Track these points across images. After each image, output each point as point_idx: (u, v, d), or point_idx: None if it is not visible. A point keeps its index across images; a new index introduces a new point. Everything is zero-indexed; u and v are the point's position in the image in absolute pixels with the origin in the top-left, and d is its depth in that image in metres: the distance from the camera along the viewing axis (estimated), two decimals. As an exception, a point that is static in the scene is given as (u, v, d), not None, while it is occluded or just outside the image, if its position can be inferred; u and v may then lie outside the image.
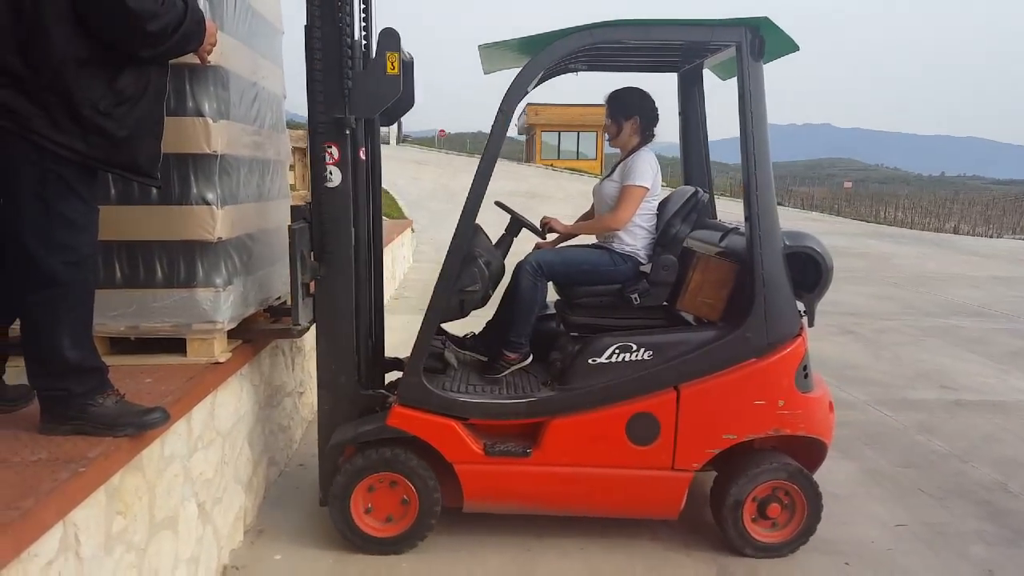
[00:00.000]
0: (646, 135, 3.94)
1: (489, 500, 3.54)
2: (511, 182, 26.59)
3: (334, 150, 3.38)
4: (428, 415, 3.41)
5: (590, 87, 3.95)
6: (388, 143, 40.98)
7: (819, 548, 3.63)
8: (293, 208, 3.57)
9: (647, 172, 3.76)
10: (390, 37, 3.32)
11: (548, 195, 23.57)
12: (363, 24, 3.65)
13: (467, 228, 3.42)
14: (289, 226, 3.41)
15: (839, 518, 3.95)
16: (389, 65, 3.32)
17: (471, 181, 3.38)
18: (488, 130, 3.45)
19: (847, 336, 8.42)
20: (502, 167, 34.35)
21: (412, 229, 13.09)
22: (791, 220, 24.68)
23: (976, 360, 7.53)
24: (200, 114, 3.10)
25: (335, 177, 3.40)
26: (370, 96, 3.37)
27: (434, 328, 3.49)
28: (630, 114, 3.91)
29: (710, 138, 4.45)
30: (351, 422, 3.54)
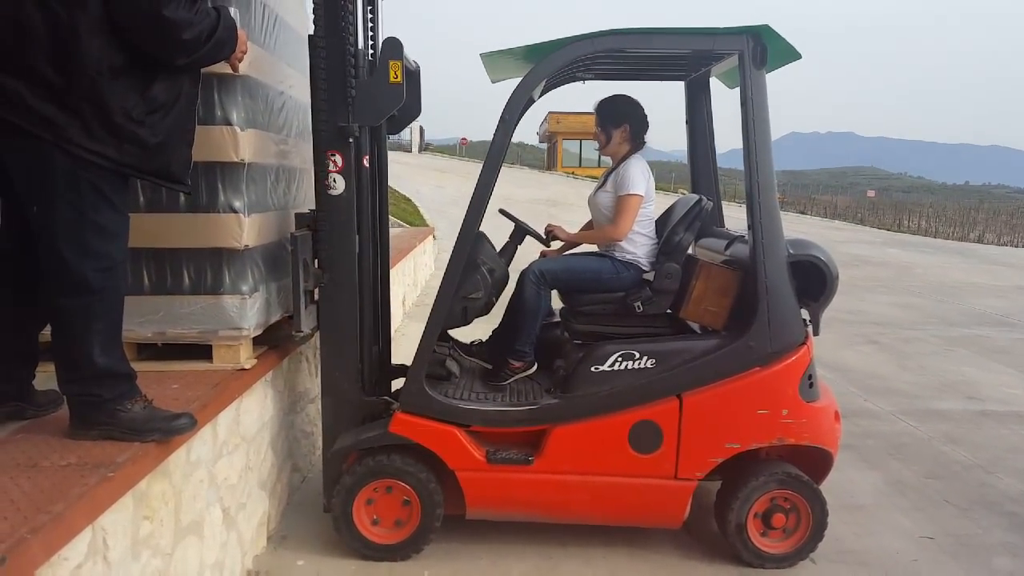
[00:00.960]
0: (636, 143, 3.94)
1: (491, 507, 3.54)
2: (533, 190, 26.66)
3: (338, 158, 3.41)
4: (430, 422, 3.42)
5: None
6: (411, 151, 41.18)
7: (844, 559, 3.62)
8: (297, 215, 3.59)
9: (639, 180, 3.77)
10: (393, 46, 3.34)
11: (569, 203, 23.55)
12: (370, 33, 3.68)
13: (469, 235, 3.43)
14: (291, 233, 3.43)
15: (864, 529, 3.93)
16: (392, 74, 3.35)
17: (476, 188, 3.40)
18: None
19: (872, 346, 8.36)
20: (525, 175, 34.52)
21: (434, 236, 13.13)
22: (814, 228, 24.58)
23: (1002, 370, 7.46)
24: (228, 123, 3.13)
25: (339, 185, 3.43)
26: (373, 104, 3.40)
27: (436, 335, 3.49)
28: (620, 122, 3.91)
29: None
30: (354, 429, 3.56)
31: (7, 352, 2.61)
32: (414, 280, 9.92)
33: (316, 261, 3.50)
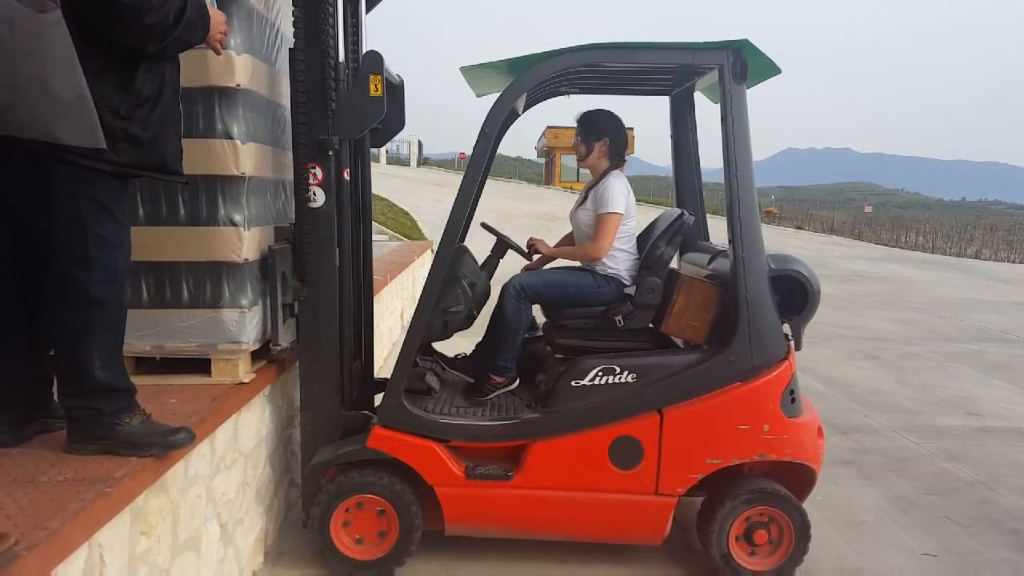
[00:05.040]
0: (615, 160, 3.94)
1: (470, 523, 3.51)
2: (531, 204, 26.67)
3: (318, 171, 3.40)
4: (409, 436, 3.39)
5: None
6: (409, 165, 41.26)
7: (846, 577, 3.59)
8: (276, 228, 3.58)
9: (619, 197, 3.76)
10: (373, 59, 3.35)
11: (567, 217, 23.62)
12: (352, 46, 3.68)
13: (449, 248, 3.42)
14: (269, 246, 3.42)
15: (866, 546, 3.91)
16: (372, 87, 3.35)
17: (456, 201, 3.40)
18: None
19: (871, 361, 8.35)
20: (523, 190, 34.50)
21: (432, 250, 13.13)
22: (813, 244, 24.63)
23: (1002, 386, 7.45)
24: (229, 136, 3.12)
25: (319, 198, 3.42)
26: (353, 118, 3.40)
27: (415, 349, 3.47)
28: (600, 136, 3.91)
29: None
30: (332, 443, 3.54)
31: (26, 376, 2.59)
32: (413, 294, 9.90)
33: (296, 274, 3.48)
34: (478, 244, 4.04)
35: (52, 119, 2.10)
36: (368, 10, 4.04)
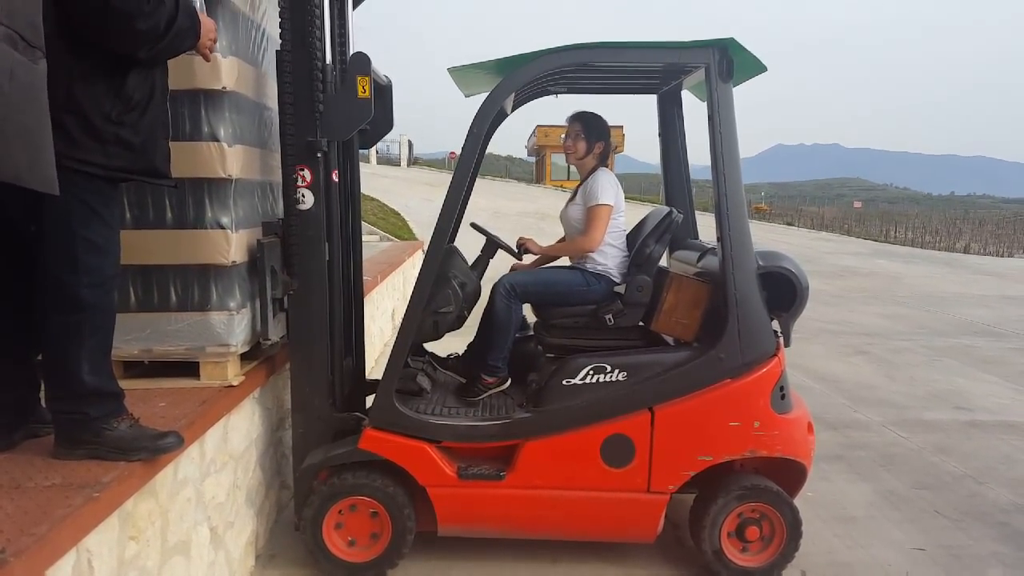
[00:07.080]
0: (603, 161, 3.99)
1: (463, 524, 3.51)
2: (522, 203, 26.69)
3: (306, 173, 3.39)
4: (400, 438, 3.39)
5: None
6: (399, 165, 41.24)
7: (837, 572, 3.61)
8: (264, 224, 3.57)
9: (609, 190, 3.80)
10: (360, 61, 3.35)
11: (558, 216, 23.61)
12: (339, 48, 3.68)
13: (439, 249, 3.42)
14: (258, 240, 3.41)
15: (856, 541, 3.92)
16: (360, 89, 3.35)
17: (445, 202, 3.40)
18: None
19: (861, 356, 8.38)
20: (514, 188, 34.50)
21: (423, 250, 13.13)
22: (802, 240, 24.71)
23: (990, 380, 7.48)
24: (215, 139, 3.11)
25: (307, 200, 3.41)
26: (341, 119, 3.40)
27: (406, 350, 3.47)
28: (600, 137, 3.96)
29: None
30: (324, 445, 3.54)
31: (14, 381, 2.58)
32: (404, 294, 9.89)
33: (285, 270, 3.48)
34: (468, 244, 4.04)
35: (25, 165, 2.05)
36: (355, 6, 4.03)
